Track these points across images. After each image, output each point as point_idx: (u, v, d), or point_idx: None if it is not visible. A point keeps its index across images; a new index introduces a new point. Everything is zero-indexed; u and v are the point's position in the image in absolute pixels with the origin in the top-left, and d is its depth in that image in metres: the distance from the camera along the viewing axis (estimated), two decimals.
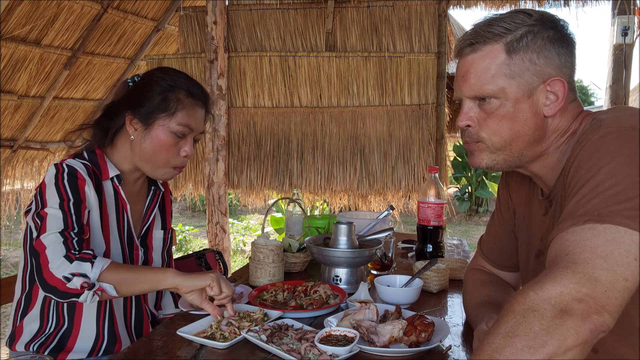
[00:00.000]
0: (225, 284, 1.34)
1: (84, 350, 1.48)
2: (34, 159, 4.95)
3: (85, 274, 1.24)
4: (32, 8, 3.78)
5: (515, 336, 0.77)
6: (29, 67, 4.17)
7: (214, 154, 3.99)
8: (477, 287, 1.37)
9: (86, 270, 1.24)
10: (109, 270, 1.27)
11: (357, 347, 1.15)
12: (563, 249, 0.86)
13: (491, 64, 1.06)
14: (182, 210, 9.53)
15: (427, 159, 3.93)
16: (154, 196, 1.65)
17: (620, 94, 3.98)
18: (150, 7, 4.73)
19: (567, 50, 1.07)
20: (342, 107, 4.01)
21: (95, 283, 1.25)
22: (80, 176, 1.41)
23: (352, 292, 1.55)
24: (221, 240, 4.05)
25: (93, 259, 1.26)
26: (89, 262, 1.25)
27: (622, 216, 0.83)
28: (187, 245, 6.58)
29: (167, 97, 1.46)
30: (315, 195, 4.14)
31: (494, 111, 1.08)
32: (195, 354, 1.18)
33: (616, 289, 0.80)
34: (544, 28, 1.06)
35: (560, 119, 1.09)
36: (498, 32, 1.06)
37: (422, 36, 3.96)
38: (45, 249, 1.27)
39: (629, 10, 3.84)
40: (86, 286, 1.24)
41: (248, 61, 4.05)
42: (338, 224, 1.65)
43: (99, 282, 1.25)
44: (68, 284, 1.23)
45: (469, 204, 9.22)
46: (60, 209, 1.33)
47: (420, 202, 1.95)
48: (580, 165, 0.95)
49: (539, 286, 0.81)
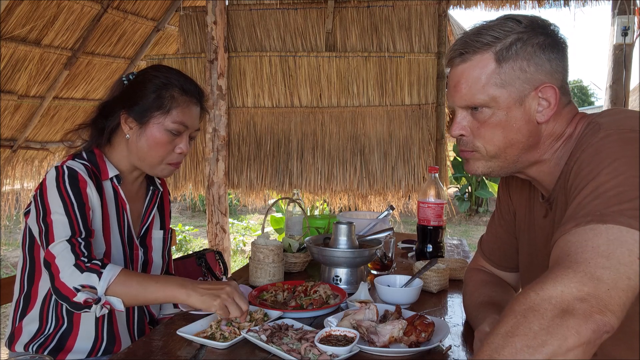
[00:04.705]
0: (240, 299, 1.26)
1: (83, 350, 1.48)
2: (34, 159, 4.95)
3: (93, 286, 1.23)
4: (32, 8, 3.78)
5: (515, 336, 0.77)
6: (29, 67, 4.16)
7: (214, 154, 3.99)
8: (478, 287, 1.36)
9: (94, 282, 1.24)
10: (117, 283, 1.25)
11: (357, 347, 1.15)
12: (565, 250, 0.85)
13: (481, 73, 1.07)
14: (182, 210, 9.53)
15: (427, 159, 3.93)
16: (153, 196, 1.65)
17: (620, 94, 3.98)
18: (150, 7, 4.73)
19: (558, 55, 1.07)
20: (342, 107, 4.01)
21: (102, 297, 1.24)
22: (81, 178, 1.40)
23: (352, 292, 1.55)
24: (221, 240, 4.05)
25: (102, 270, 1.25)
26: (96, 273, 1.24)
27: (624, 216, 0.83)
28: (187, 245, 6.58)
29: (161, 95, 1.45)
30: (315, 195, 4.14)
31: (486, 120, 1.09)
32: (195, 354, 1.17)
33: (619, 287, 0.79)
34: (533, 34, 1.05)
35: (554, 124, 1.09)
36: (487, 41, 1.06)
37: (422, 36, 3.96)
38: (55, 258, 1.27)
39: (629, 10, 3.84)
40: (91, 301, 1.24)
41: (248, 61, 4.05)
42: (338, 224, 1.65)
43: (107, 295, 1.25)
44: (75, 297, 1.23)
45: (469, 204, 9.22)
46: (65, 214, 1.33)
47: (420, 202, 1.95)
48: (581, 168, 0.95)
49: (540, 286, 0.80)
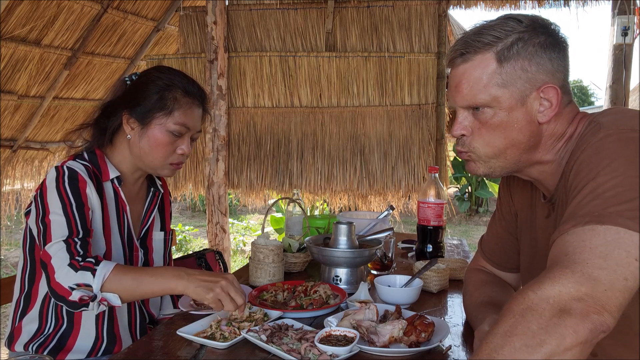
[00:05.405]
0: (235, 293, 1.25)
1: (83, 350, 1.48)
2: (34, 159, 4.95)
3: (88, 284, 1.23)
4: (32, 8, 3.78)
5: (514, 335, 0.77)
6: (29, 67, 4.16)
7: (214, 154, 3.99)
8: (478, 287, 1.36)
9: (89, 280, 1.23)
10: (112, 279, 1.24)
11: (357, 347, 1.15)
12: (563, 250, 0.86)
13: (483, 73, 1.06)
14: (182, 210, 9.53)
15: (427, 159, 3.93)
16: (154, 197, 1.65)
17: (620, 94, 3.98)
18: (150, 7, 4.73)
19: (559, 55, 1.07)
20: (342, 107, 4.01)
21: (98, 294, 1.24)
22: (81, 178, 1.40)
23: (352, 292, 1.55)
24: (221, 240, 4.05)
25: (95, 267, 1.24)
26: (90, 271, 1.24)
27: (622, 217, 0.83)
28: (187, 245, 6.58)
29: (164, 96, 1.45)
30: (315, 195, 4.14)
31: (487, 120, 1.08)
32: (195, 354, 1.18)
33: (616, 288, 0.79)
34: (534, 34, 1.05)
35: (556, 124, 1.09)
36: (488, 41, 1.06)
37: (422, 36, 3.96)
38: (51, 258, 1.27)
39: (629, 10, 3.84)
40: (87, 299, 1.23)
41: (248, 61, 4.05)
42: (338, 224, 1.65)
43: (102, 292, 1.24)
44: (71, 296, 1.23)
45: (469, 204, 9.22)
46: (64, 214, 1.33)
47: (420, 202, 1.95)
48: (580, 168, 0.95)
49: (538, 286, 0.81)
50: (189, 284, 1.25)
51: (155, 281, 1.27)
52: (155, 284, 1.27)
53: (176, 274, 1.27)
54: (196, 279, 1.25)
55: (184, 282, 1.25)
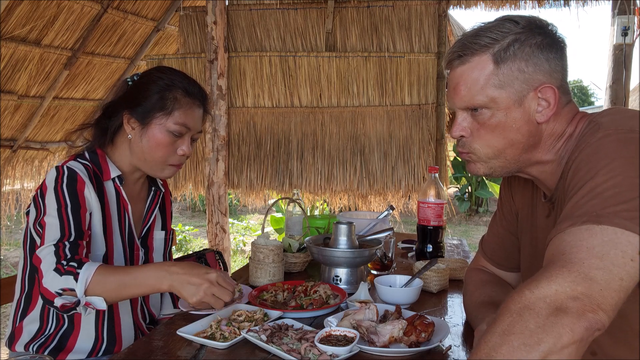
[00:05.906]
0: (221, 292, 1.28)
1: (83, 350, 1.48)
2: (34, 159, 4.95)
3: (73, 289, 1.24)
4: (32, 8, 3.78)
5: (512, 334, 0.78)
6: (29, 67, 4.17)
7: (214, 154, 3.99)
8: (478, 287, 1.37)
9: (72, 284, 1.24)
10: (95, 283, 1.24)
11: (357, 347, 1.16)
12: (560, 249, 0.86)
13: (480, 75, 1.07)
14: (182, 210, 9.53)
15: (427, 159, 3.93)
16: (155, 197, 1.65)
17: (620, 94, 3.98)
18: (150, 7, 4.74)
19: (556, 55, 1.07)
20: (342, 107, 4.01)
21: (82, 299, 1.24)
22: (80, 179, 1.40)
23: (352, 292, 1.55)
24: (221, 240, 4.05)
25: (78, 270, 1.24)
26: (73, 275, 1.24)
27: (619, 217, 0.84)
28: (187, 245, 6.58)
29: (165, 96, 1.46)
30: (315, 195, 4.14)
31: (486, 121, 1.09)
32: (195, 354, 1.18)
33: (612, 288, 0.80)
34: (531, 35, 1.06)
35: (555, 124, 1.09)
36: (485, 43, 1.07)
37: (422, 36, 3.97)
38: (41, 262, 1.28)
39: (629, 10, 3.84)
40: (69, 305, 1.24)
41: (248, 61, 4.05)
42: (338, 224, 1.65)
43: (87, 296, 1.25)
44: (55, 301, 1.24)
45: (469, 204, 9.22)
46: (58, 215, 1.33)
47: (420, 202, 1.95)
48: (579, 168, 0.96)
49: (535, 285, 0.81)
50: (173, 284, 1.27)
51: (138, 284, 1.28)
52: (138, 287, 1.29)
53: (157, 275, 1.28)
54: (179, 278, 1.27)
55: (167, 283, 1.27)
